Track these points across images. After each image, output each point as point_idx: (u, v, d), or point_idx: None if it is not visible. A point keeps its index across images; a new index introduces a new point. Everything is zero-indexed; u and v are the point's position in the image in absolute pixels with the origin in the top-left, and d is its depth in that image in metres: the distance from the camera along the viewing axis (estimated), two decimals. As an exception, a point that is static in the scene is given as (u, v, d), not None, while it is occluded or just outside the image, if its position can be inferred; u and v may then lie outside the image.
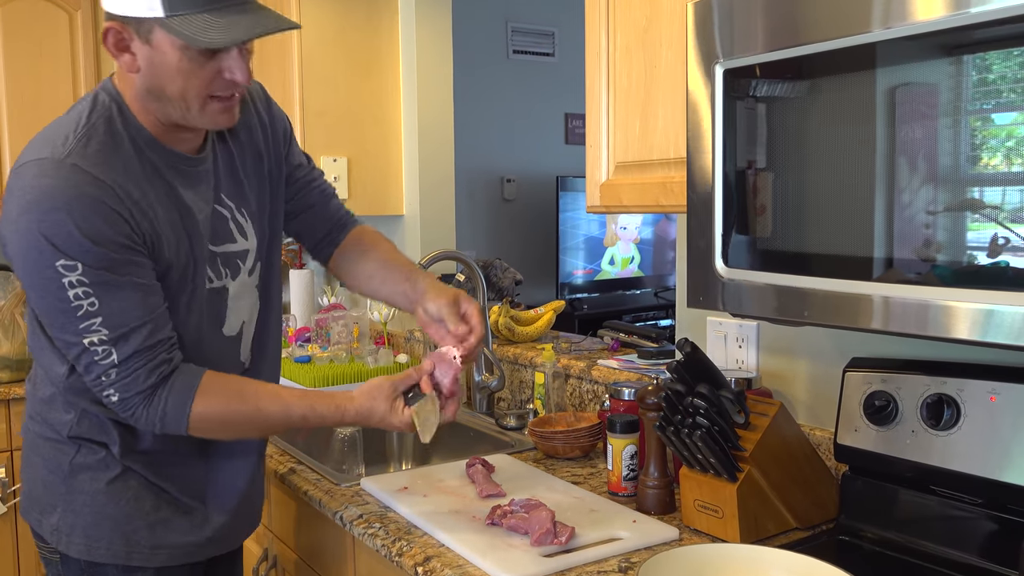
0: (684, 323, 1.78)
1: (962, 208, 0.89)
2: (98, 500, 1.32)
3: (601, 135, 1.43)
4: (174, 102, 1.20)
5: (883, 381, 1.32)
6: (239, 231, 1.39)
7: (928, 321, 0.90)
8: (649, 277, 5.18)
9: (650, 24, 1.32)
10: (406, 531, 1.41)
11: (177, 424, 1.24)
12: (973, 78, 0.86)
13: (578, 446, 1.78)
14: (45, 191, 1.13)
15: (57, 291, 1.14)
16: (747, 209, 1.10)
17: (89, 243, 1.13)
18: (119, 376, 1.19)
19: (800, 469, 1.38)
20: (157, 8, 1.12)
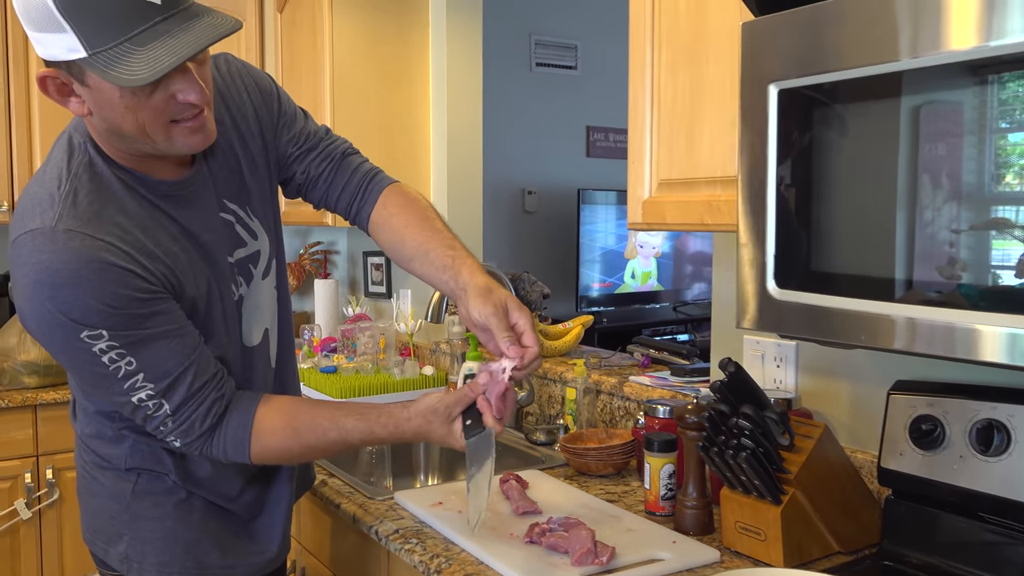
0: (720, 341, 1.77)
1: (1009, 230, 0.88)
2: (166, 525, 1.30)
3: (644, 151, 1.42)
4: (135, 137, 1.11)
5: (929, 405, 1.30)
6: (248, 232, 1.33)
7: (999, 348, 0.88)
8: (667, 292, 5.16)
9: (698, 41, 1.31)
10: (444, 547, 1.40)
11: (241, 459, 1.24)
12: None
13: (611, 463, 1.77)
14: (47, 268, 1.07)
15: (90, 360, 1.10)
16: (801, 230, 1.09)
17: (108, 310, 1.08)
18: (176, 425, 1.18)
19: (844, 492, 1.36)
20: (78, 48, 1.00)
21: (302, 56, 2.74)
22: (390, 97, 2.70)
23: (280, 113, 1.38)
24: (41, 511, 2.67)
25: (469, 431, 1.26)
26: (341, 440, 1.26)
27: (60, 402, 2.68)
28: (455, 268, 1.31)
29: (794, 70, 1.05)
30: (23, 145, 2.86)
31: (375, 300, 3.11)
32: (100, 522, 1.34)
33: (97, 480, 1.33)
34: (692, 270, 5.29)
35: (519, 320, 1.25)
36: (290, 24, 2.82)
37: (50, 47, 1.02)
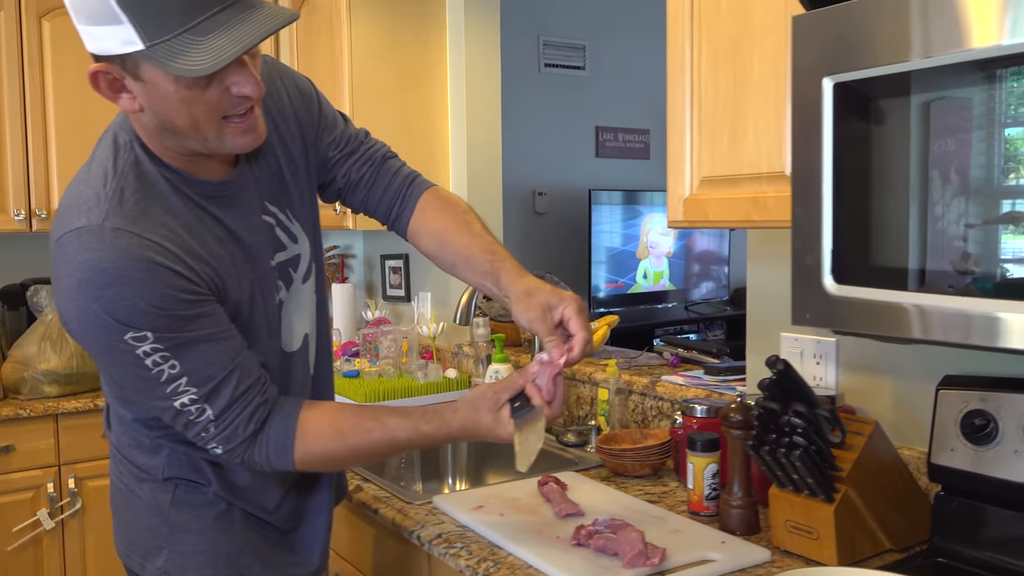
0: (755, 338, 1.76)
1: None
2: (208, 537, 1.28)
3: (684, 149, 1.41)
4: (188, 134, 1.09)
5: (981, 400, 1.29)
6: (288, 236, 1.31)
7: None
8: (675, 291, 5.15)
9: (741, 37, 1.30)
10: (490, 551, 1.38)
11: (284, 466, 1.21)
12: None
13: (648, 464, 1.75)
14: (93, 266, 1.05)
15: (134, 363, 1.08)
16: (857, 224, 1.07)
17: (154, 311, 1.06)
18: (219, 430, 1.15)
19: (895, 489, 1.35)
20: (135, 41, 0.98)
21: (320, 60, 2.73)
22: (408, 100, 2.69)
23: (320, 116, 1.37)
24: (64, 521, 2.66)
25: (517, 412, 1.21)
26: (387, 440, 1.23)
27: (82, 411, 2.67)
28: (495, 274, 1.31)
29: (849, 63, 1.04)
30: (39, 153, 2.85)
31: (393, 304, 3.10)
32: (137, 535, 1.31)
33: (133, 492, 1.31)
34: (700, 269, 5.28)
35: (564, 311, 1.22)
36: (307, 28, 2.81)
37: (104, 40, 1.00)
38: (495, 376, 2.24)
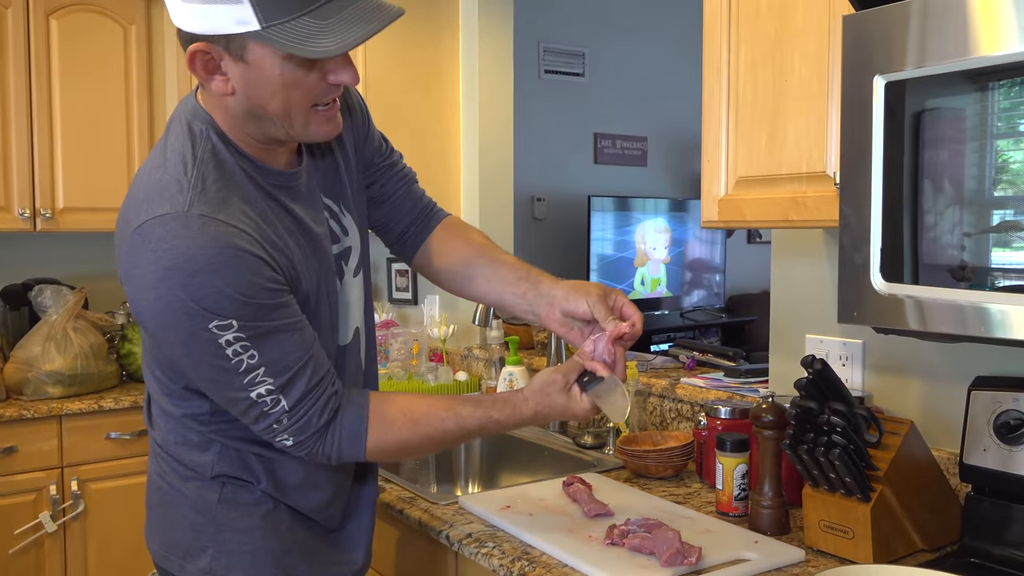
0: (778, 340, 1.76)
1: None
2: (255, 536, 1.25)
3: (720, 149, 1.42)
4: (276, 119, 1.11)
5: (1015, 400, 1.30)
6: (340, 229, 1.30)
7: None
8: (668, 299, 5.17)
9: (780, 38, 1.31)
10: (523, 551, 1.38)
11: (355, 455, 1.20)
12: None
13: (671, 465, 1.76)
14: (182, 253, 1.03)
15: (214, 352, 1.07)
16: (907, 223, 1.08)
17: (240, 299, 1.05)
18: (292, 421, 1.13)
19: (928, 489, 1.36)
20: (251, 21, 1.00)
21: (331, 61, 2.73)
22: (420, 103, 2.69)
23: (368, 121, 1.39)
24: (66, 524, 2.62)
25: (587, 386, 1.24)
26: (459, 428, 1.23)
27: (86, 412, 2.64)
28: (533, 280, 1.35)
29: (902, 62, 1.05)
30: (44, 152, 2.82)
31: (400, 307, 3.09)
32: (178, 536, 1.28)
33: (178, 491, 1.28)
34: (694, 277, 5.31)
35: (617, 299, 1.28)
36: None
37: (214, 19, 1.01)
38: (509, 379, 2.24)
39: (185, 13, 1.03)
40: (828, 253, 1.65)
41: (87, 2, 2.86)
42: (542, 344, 2.52)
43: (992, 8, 0.98)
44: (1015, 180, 1.02)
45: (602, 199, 4.71)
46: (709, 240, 5.30)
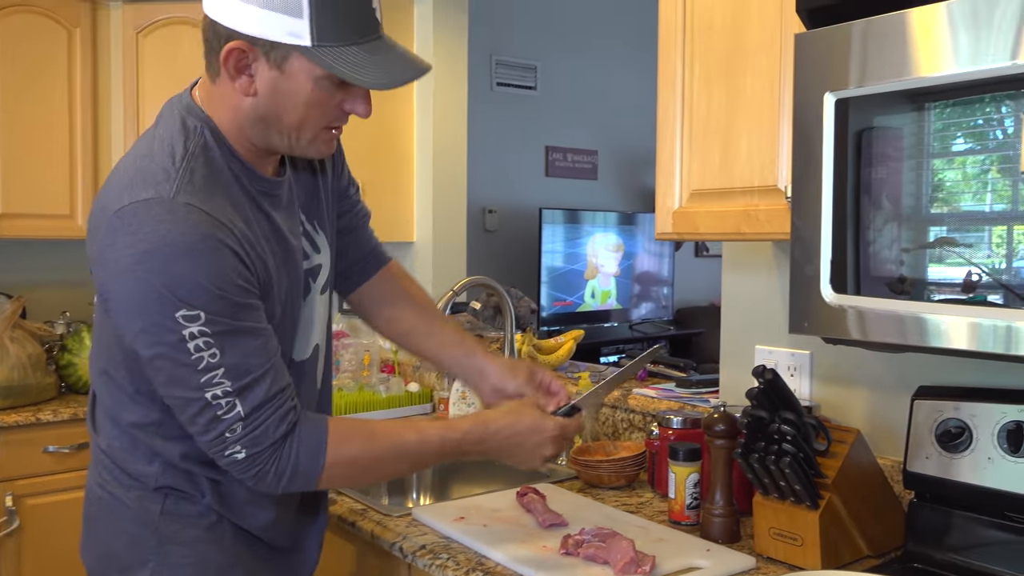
0: (729, 351, 1.79)
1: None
2: (198, 549, 1.22)
3: (674, 162, 1.44)
4: (285, 131, 1.13)
5: (956, 409, 1.34)
6: (312, 246, 1.31)
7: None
8: (619, 311, 5.22)
9: (734, 55, 1.34)
10: (477, 562, 1.37)
11: (308, 476, 1.13)
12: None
13: (624, 475, 1.77)
14: (163, 237, 1.03)
15: (176, 344, 1.04)
16: (851, 237, 1.12)
17: (214, 290, 1.04)
18: (246, 430, 1.08)
19: (874, 496, 1.39)
20: (303, 36, 1.04)
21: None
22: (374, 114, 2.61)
23: (342, 154, 1.43)
24: (0, 541, 2.52)
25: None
26: (419, 440, 1.20)
27: (22, 424, 2.55)
28: (467, 348, 1.44)
29: (851, 79, 1.08)
30: None
31: (350, 317, 3.06)
32: (117, 548, 1.24)
33: (119, 500, 1.24)
34: (642, 290, 5.37)
35: (544, 376, 1.40)
36: (269, 36, 2.77)
37: (267, 25, 1.04)
38: (462, 390, 2.23)
39: (236, 11, 1.05)
40: (778, 266, 1.69)
41: (30, 3, 2.79)
42: (495, 355, 2.52)
43: (929, 31, 1.02)
44: (949, 198, 1.06)
45: (553, 211, 4.74)
46: (658, 253, 5.37)
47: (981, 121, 1.03)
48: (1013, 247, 1.01)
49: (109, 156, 2.95)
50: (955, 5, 1.00)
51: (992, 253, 1.02)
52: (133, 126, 2.93)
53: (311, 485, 1.15)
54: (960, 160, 1.05)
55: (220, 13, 1.07)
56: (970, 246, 1.04)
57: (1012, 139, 1.00)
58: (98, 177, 2.92)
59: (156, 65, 2.92)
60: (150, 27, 2.92)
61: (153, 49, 2.92)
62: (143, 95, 2.93)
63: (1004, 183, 1.01)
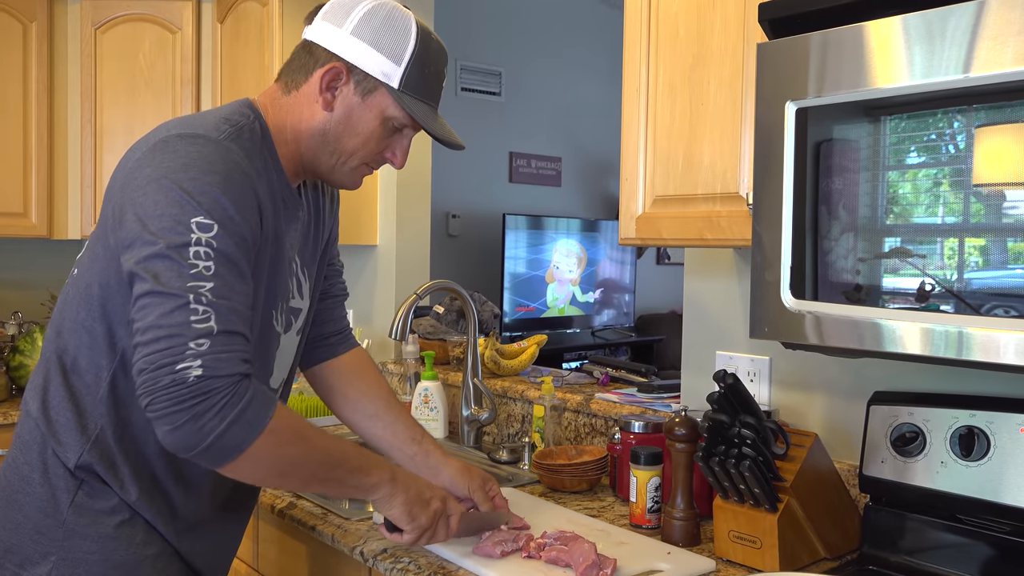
0: (690, 357, 1.81)
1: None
2: (106, 546, 1.19)
3: (638, 168, 1.46)
4: (338, 153, 1.25)
5: (910, 414, 1.37)
6: (298, 289, 1.36)
7: None
8: (581, 317, 5.25)
9: (697, 63, 1.36)
10: (439, 566, 1.37)
11: (252, 427, 1.05)
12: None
13: (586, 479, 1.78)
14: (201, 156, 1.11)
15: (179, 247, 1.06)
16: (810, 246, 1.14)
17: (234, 214, 1.09)
18: (213, 348, 1.03)
19: (830, 499, 1.41)
20: (393, 78, 1.21)
21: (246, 71, 2.67)
22: (338, 113, 2.65)
23: (336, 223, 1.51)
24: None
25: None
26: (340, 446, 1.22)
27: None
28: (424, 446, 1.50)
29: (811, 89, 1.11)
30: None
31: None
32: (19, 539, 1.20)
33: (29, 483, 1.20)
34: (605, 296, 5.41)
35: (492, 488, 1.49)
36: (232, 37, 2.74)
37: (368, 59, 1.21)
38: (424, 393, 2.23)
39: (345, 41, 1.21)
40: (738, 273, 1.71)
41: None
42: (457, 359, 2.52)
43: (885, 44, 1.04)
44: (904, 211, 1.09)
45: (516, 217, 4.75)
46: (619, 260, 5.41)
47: (934, 136, 1.06)
48: (964, 259, 1.03)
49: (65, 153, 2.89)
50: (910, 19, 1.03)
51: (944, 264, 1.05)
52: (90, 124, 2.87)
53: (247, 440, 1.06)
54: (913, 173, 1.08)
55: (326, 39, 1.22)
56: (923, 257, 1.06)
57: (964, 153, 1.03)
58: (53, 175, 2.87)
59: (115, 62, 2.87)
60: (109, 23, 2.88)
61: (112, 46, 2.87)
62: (101, 92, 2.88)
63: (956, 196, 1.04)
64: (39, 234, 2.85)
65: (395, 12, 1.23)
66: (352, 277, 2.85)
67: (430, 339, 2.52)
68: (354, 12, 1.22)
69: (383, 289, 2.73)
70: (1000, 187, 1.00)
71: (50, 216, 2.87)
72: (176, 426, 1.02)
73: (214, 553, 1.36)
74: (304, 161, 1.28)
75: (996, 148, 1.00)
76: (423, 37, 1.24)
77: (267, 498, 1.74)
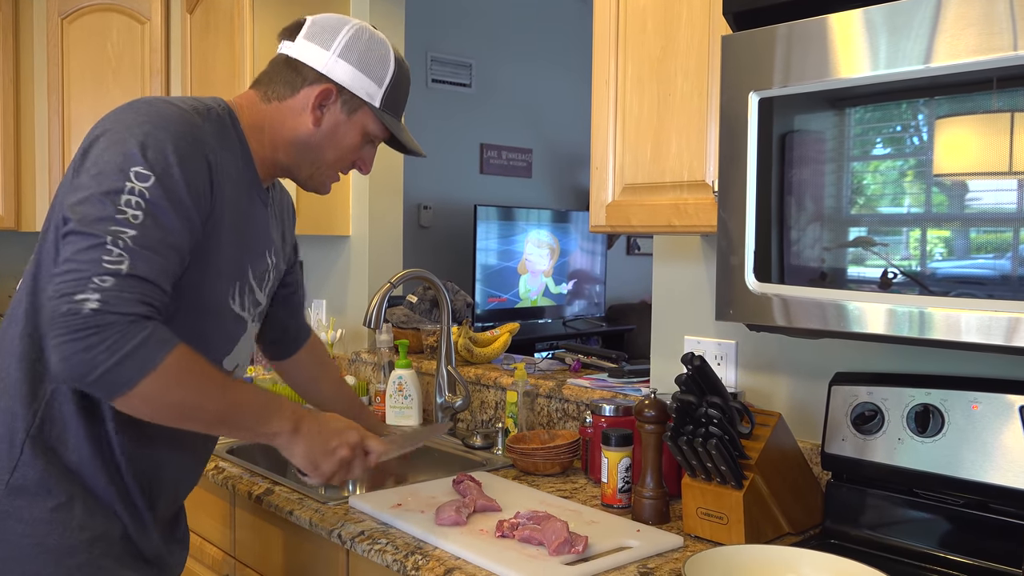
0: (659, 341, 1.86)
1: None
2: (40, 529, 1.18)
3: (608, 158, 1.49)
4: (318, 163, 1.36)
5: (869, 394, 1.43)
6: (261, 286, 1.42)
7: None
8: (553, 307, 5.30)
9: (665, 55, 1.40)
10: (416, 546, 1.40)
11: (143, 364, 1.07)
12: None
13: (558, 462, 1.82)
14: (159, 114, 1.17)
15: (113, 193, 1.10)
16: (775, 234, 1.18)
17: (178, 169, 1.14)
18: (116, 287, 1.06)
19: (794, 477, 1.47)
20: (375, 98, 1.34)
21: (216, 62, 2.67)
22: (310, 104, 2.66)
23: (293, 223, 1.60)
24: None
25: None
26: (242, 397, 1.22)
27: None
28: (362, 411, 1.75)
29: (775, 80, 1.15)
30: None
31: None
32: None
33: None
34: (576, 287, 5.46)
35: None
36: (203, 27, 2.74)
37: (356, 81, 1.32)
38: (399, 382, 2.25)
39: (333, 64, 1.31)
40: (705, 259, 1.76)
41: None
42: (431, 348, 2.55)
43: (848, 36, 1.09)
44: (868, 201, 1.13)
45: (488, 208, 4.78)
46: (590, 251, 5.46)
47: (899, 127, 1.10)
48: (927, 248, 1.08)
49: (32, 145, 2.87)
50: (873, 11, 1.07)
51: (908, 254, 1.09)
52: (58, 115, 2.85)
53: (134, 378, 1.08)
54: (877, 164, 1.12)
55: (314, 60, 1.31)
56: (887, 246, 1.11)
57: (926, 144, 1.07)
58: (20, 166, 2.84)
59: (83, 53, 2.85)
60: (76, 13, 2.86)
61: (79, 36, 2.85)
62: (69, 83, 2.86)
63: (919, 186, 1.09)
64: (6, 226, 2.83)
65: (374, 37, 1.35)
66: (325, 267, 2.86)
67: (404, 328, 2.54)
68: (339, 36, 1.32)
69: (356, 279, 2.75)
70: (961, 177, 1.05)
71: (17, 208, 2.85)
72: (66, 356, 1.05)
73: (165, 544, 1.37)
74: (280, 165, 1.36)
75: (956, 139, 1.05)
76: (399, 61, 1.37)
77: (244, 485, 1.76)
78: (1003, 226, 1.00)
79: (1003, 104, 0.99)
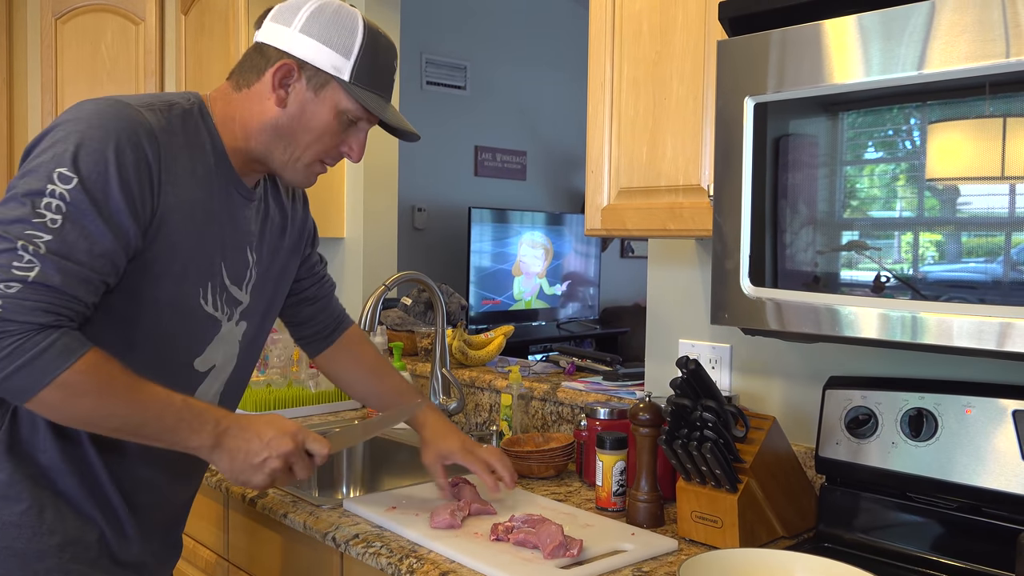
0: (654, 345, 1.86)
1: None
2: (8, 533, 1.17)
3: (604, 161, 1.50)
4: (292, 148, 1.27)
5: (863, 398, 1.43)
6: (241, 284, 1.37)
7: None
8: (547, 310, 5.30)
9: (660, 59, 1.40)
10: (410, 549, 1.40)
11: (39, 378, 1.05)
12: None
13: (553, 465, 1.82)
14: (101, 113, 1.13)
15: (33, 193, 1.07)
16: (769, 238, 1.18)
17: (112, 170, 1.10)
18: (18, 294, 1.04)
19: (788, 480, 1.47)
20: (343, 72, 1.23)
21: (212, 63, 2.67)
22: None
23: (315, 232, 1.58)
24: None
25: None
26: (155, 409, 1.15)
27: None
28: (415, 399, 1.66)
29: (770, 85, 1.15)
30: None
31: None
32: None
33: None
34: (570, 289, 5.47)
35: (483, 454, 1.60)
36: (197, 28, 2.73)
37: (318, 54, 1.23)
38: (393, 384, 2.25)
39: (293, 39, 1.23)
40: (700, 263, 1.76)
41: (-59, -16, 2.69)
42: (425, 350, 2.55)
43: (842, 42, 1.09)
44: (861, 205, 1.14)
45: (482, 211, 4.78)
46: (584, 254, 5.47)
47: (891, 132, 1.11)
48: (919, 252, 1.08)
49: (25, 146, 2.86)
50: (866, 18, 1.08)
51: (900, 258, 1.10)
52: (51, 115, 2.85)
53: (33, 388, 1.07)
54: (870, 168, 1.13)
55: (276, 39, 1.24)
56: (880, 250, 1.12)
57: (919, 149, 1.08)
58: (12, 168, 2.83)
59: (77, 53, 2.84)
60: (70, 13, 2.85)
61: (73, 36, 2.85)
62: (62, 84, 2.85)
63: (911, 191, 1.09)
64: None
65: (341, 9, 1.26)
66: (319, 270, 2.86)
67: (398, 330, 2.54)
68: (301, 11, 1.24)
69: (351, 281, 2.75)
70: (952, 181, 1.05)
71: (11, 208, 2.83)
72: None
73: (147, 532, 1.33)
74: (255, 156, 1.29)
75: (949, 143, 1.05)
76: (370, 30, 1.27)
77: (238, 488, 1.76)
78: (995, 230, 1.01)
79: (996, 109, 1.00)
